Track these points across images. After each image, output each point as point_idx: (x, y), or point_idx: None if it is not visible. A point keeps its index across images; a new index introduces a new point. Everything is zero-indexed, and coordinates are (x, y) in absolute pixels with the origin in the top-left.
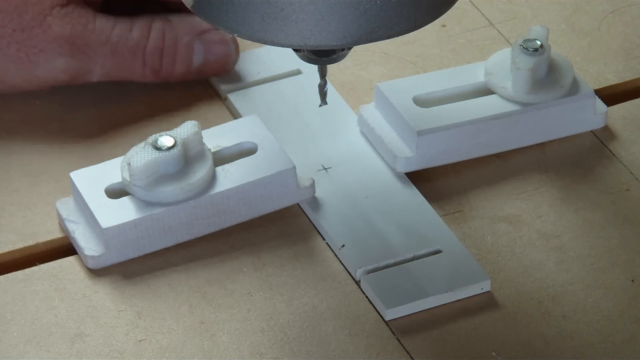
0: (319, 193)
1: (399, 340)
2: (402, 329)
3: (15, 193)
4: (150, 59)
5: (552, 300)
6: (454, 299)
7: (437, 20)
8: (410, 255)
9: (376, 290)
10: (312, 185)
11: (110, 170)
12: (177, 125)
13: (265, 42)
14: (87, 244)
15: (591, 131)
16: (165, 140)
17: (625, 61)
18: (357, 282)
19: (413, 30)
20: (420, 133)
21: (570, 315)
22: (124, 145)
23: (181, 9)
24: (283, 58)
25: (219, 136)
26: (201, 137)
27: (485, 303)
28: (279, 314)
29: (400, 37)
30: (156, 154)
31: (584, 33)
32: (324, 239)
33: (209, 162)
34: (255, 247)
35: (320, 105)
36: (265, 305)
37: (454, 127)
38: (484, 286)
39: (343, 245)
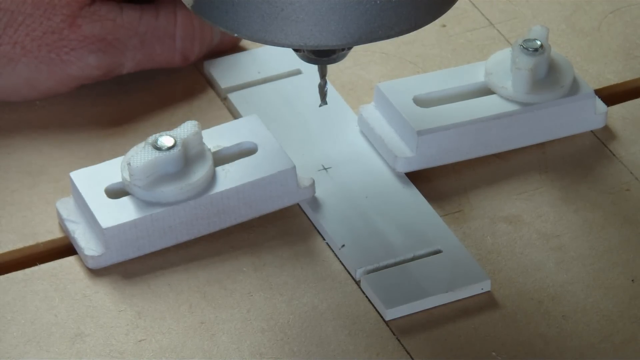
0: (319, 193)
1: (399, 340)
2: (402, 329)
3: (15, 193)
4: (181, 45)
5: (552, 300)
6: (454, 299)
7: (437, 20)
8: (410, 255)
9: (376, 290)
10: (312, 185)
11: (110, 170)
12: (177, 125)
13: (265, 42)
14: (87, 244)
15: (591, 131)
16: (165, 140)
17: (625, 61)
18: (357, 282)
19: (413, 30)
20: (420, 133)
21: (570, 315)
22: (124, 145)
23: None
24: (283, 58)
25: (219, 136)
26: (201, 137)
27: (485, 303)
28: (279, 314)
29: (400, 37)
30: (156, 154)
31: (584, 33)
32: (324, 239)
33: (209, 162)
34: (255, 247)
35: (320, 105)
36: (265, 305)
37: (454, 127)
38: (484, 286)
39: (343, 245)
